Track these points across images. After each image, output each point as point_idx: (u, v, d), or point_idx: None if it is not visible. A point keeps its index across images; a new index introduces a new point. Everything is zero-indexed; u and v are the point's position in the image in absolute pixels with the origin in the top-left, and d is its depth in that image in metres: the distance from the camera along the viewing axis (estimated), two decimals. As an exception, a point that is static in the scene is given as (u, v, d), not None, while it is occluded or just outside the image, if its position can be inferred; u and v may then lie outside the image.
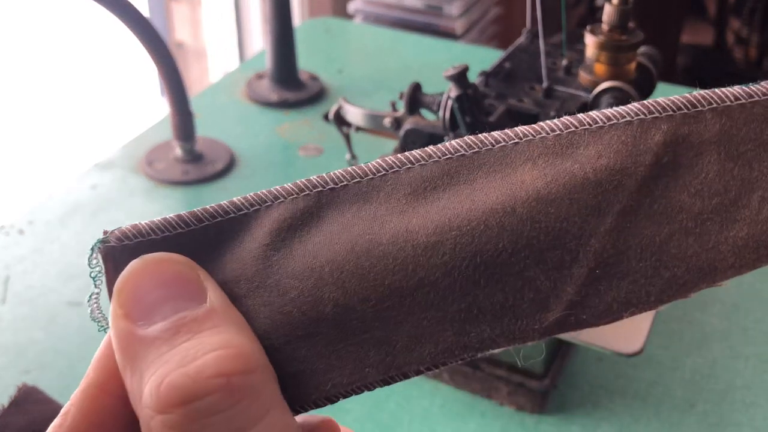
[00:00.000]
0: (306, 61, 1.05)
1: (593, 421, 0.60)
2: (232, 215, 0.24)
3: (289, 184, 0.24)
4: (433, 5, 1.59)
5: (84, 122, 1.80)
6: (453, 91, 0.55)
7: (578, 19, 1.85)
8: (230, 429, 0.19)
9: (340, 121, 0.67)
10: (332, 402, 0.23)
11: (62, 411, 0.23)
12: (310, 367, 0.23)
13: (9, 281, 0.73)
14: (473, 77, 0.58)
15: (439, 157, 0.23)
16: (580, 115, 0.23)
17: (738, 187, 0.22)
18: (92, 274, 0.23)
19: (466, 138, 0.23)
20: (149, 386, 0.20)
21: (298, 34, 1.02)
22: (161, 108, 1.73)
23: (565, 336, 0.56)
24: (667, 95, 0.23)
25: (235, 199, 0.24)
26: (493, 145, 0.23)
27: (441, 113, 0.58)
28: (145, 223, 0.23)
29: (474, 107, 0.55)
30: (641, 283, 0.22)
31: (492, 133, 0.23)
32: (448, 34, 1.57)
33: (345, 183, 0.23)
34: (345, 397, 0.23)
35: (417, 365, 0.23)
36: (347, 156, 0.70)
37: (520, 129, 0.23)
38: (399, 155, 0.24)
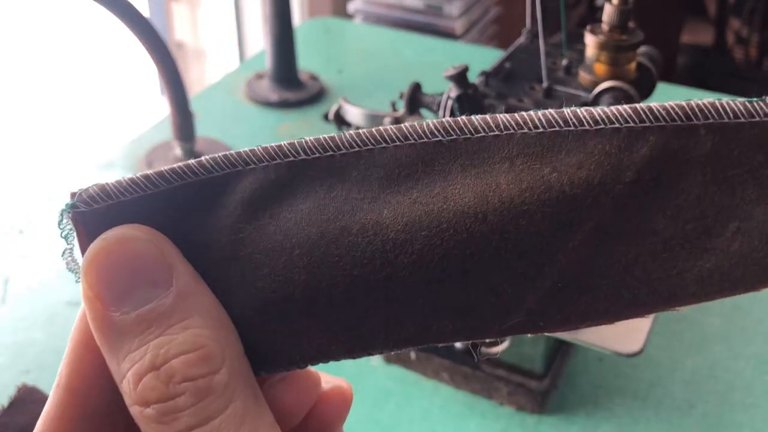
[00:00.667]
0: (306, 61, 1.05)
1: (593, 421, 0.60)
2: (202, 177, 0.23)
3: (259, 147, 0.23)
4: (433, 5, 1.59)
5: (84, 122, 1.80)
6: (453, 91, 0.55)
7: (578, 19, 1.85)
8: (200, 418, 0.21)
9: (340, 121, 0.67)
10: (299, 368, 0.24)
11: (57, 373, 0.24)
12: (280, 339, 0.23)
13: (9, 281, 0.73)
14: (473, 77, 0.58)
15: (416, 140, 0.23)
16: (567, 112, 0.22)
17: (716, 213, 0.21)
18: (63, 234, 0.23)
19: (444, 120, 0.23)
20: (126, 380, 0.22)
21: (298, 34, 1.02)
22: (161, 108, 1.73)
23: (565, 336, 0.56)
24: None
25: (203, 158, 0.23)
26: (472, 134, 0.22)
27: (441, 113, 0.58)
28: (113, 184, 0.23)
29: (474, 107, 0.55)
30: (601, 300, 0.22)
31: (472, 118, 0.22)
32: (448, 34, 1.57)
33: (317, 155, 0.23)
34: (312, 365, 0.24)
35: (381, 347, 0.23)
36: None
37: (503, 118, 0.22)
38: (374, 130, 0.23)
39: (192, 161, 0.23)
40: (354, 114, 0.65)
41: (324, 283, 0.22)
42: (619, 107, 0.21)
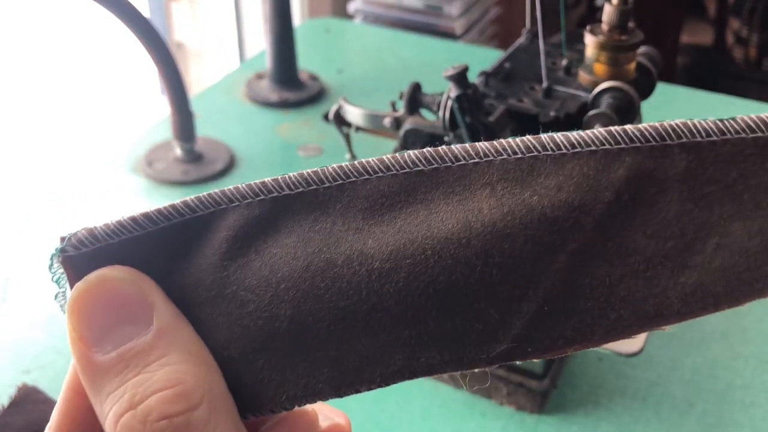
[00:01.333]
0: (306, 61, 1.05)
1: (593, 421, 0.60)
2: (187, 216, 0.23)
3: (243, 185, 0.24)
4: (433, 5, 1.59)
5: (84, 122, 1.80)
6: (453, 91, 0.55)
7: (578, 19, 1.85)
8: None
9: (340, 121, 0.67)
10: (287, 410, 0.23)
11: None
12: (266, 378, 0.23)
13: (9, 281, 0.73)
14: (473, 77, 0.58)
15: (398, 170, 0.23)
16: (544, 138, 0.22)
17: (695, 230, 0.21)
18: (54, 279, 0.24)
19: (425, 151, 0.23)
20: (108, 421, 0.22)
21: (298, 34, 1.02)
22: (161, 108, 1.73)
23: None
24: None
25: (188, 199, 0.24)
26: (453, 162, 0.23)
27: (441, 113, 0.58)
28: (101, 227, 0.23)
29: (474, 107, 0.55)
30: (587, 322, 0.22)
31: (452, 147, 0.23)
32: (448, 34, 1.57)
33: (301, 189, 0.23)
34: (300, 406, 0.23)
35: (369, 384, 0.23)
36: (347, 156, 0.70)
37: (482, 146, 0.22)
38: (356, 162, 0.23)
39: (177, 202, 0.23)
40: (354, 114, 0.65)
41: (310, 318, 0.22)
42: (594, 131, 0.22)
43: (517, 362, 0.23)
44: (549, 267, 0.22)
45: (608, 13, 0.58)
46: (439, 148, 0.23)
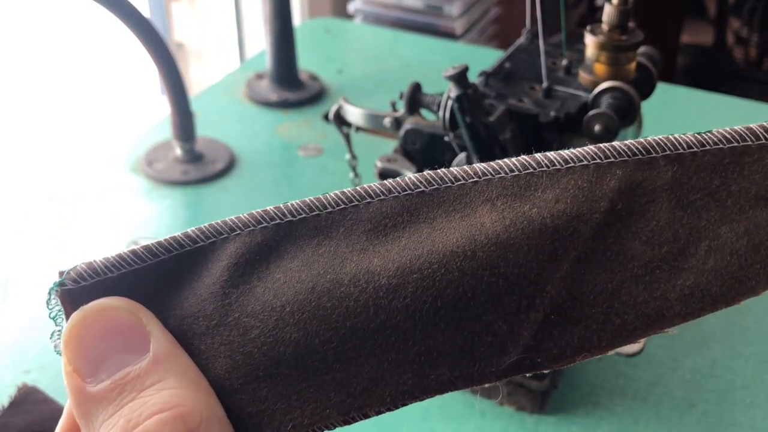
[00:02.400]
0: (306, 61, 1.05)
1: (593, 421, 0.60)
2: (188, 248, 0.23)
3: (245, 214, 0.23)
4: (433, 5, 1.59)
5: (84, 122, 1.80)
6: (453, 91, 0.55)
7: (578, 19, 1.85)
8: None
9: (340, 121, 0.67)
10: None
11: None
12: (270, 407, 0.23)
13: (9, 281, 0.73)
14: (473, 77, 0.58)
15: (399, 192, 0.23)
16: (538, 156, 0.23)
17: (687, 235, 0.22)
18: (51, 315, 0.23)
19: (425, 173, 0.23)
20: None
21: (298, 34, 1.02)
22: (161, 108, 1.73)
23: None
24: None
25: (189, 231, 0.23)
26: (453, 183, 0.23)
27: (441, 113, 0.58)
28: (100, 261, 0.23)
29: (474, 107, 0.55)
30: (593, 329, 0.23)
31: (451, 169, 0.23)
32: (448, 34, 1.57)
33: (303, 215, 0.23)
34: None
35: (378, 406, 0.23)
36: (347, 156, 0.70)
37: (479, 167, 0.23)
38: (358, 188, 0.24)
39: (179, 234, 0.23)
40: (354, 114, 0.65)
41: (317, 339, 0.22)
42: (585, 147, 0.23)
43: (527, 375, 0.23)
44: (553, 275, 0.22)
45: (608, 13, 0.58)
46: (439, 170, 0.24)
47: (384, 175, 0.62)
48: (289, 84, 1.00)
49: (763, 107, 0.97)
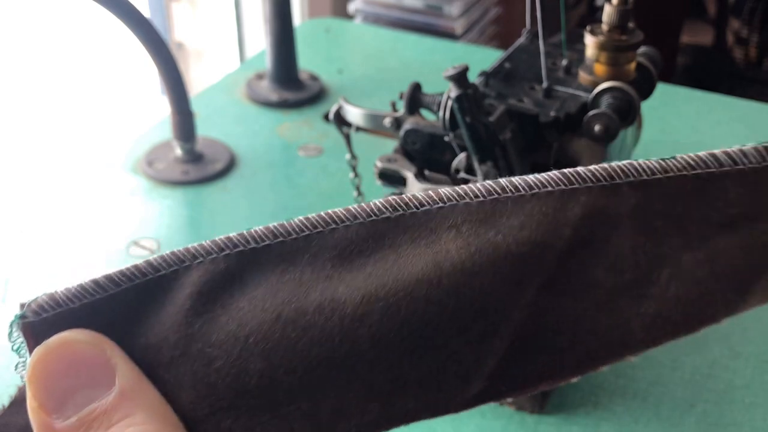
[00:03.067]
0: (306, 61, 1.05)
1: (593, 421, 0.60)
2: (150, 276, 0.23)
3: (208, 241, 0.23)
4: (433, 5, 1.59)
5: (84, 122, 1.80)
6: (453, 91, 0.55)
7: (578, 19, 1.85)
8: None
9: (340, 121, 0.67)
10: None
11: None
12: None
13: (9, 281, 0.73)
14: (473, 77, 0.58)
15: (364, 218, 0.23)
16: (503, 181, 0.23)
17: (649, 262, 0.22)
18: (14, 347, 0.23)
19: (390, 198, 0.23)
20: None
21: (298, 34, 1.02)
22: (161, 108, 1.73)
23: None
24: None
25: (151, 258, 0.23)
26: (418, 208, 0.23)
27: (441, 113, 0.58)
28: (61, 292, 0.23)
29: (474, 107, 0.55)
30: (556, 356, 0.23)
31: (415, 194, 0.23)
32: (448, 34, 1.57)
33: (267, 242, 0.23)
34: None
35: None
36: (347, 156, 0.70)
37: (444, 191, 0.23)
38: (323, 213, 0.23)
39: (141, 262, 0.23)
40: (354, 114, 0.65)
41: (281, 370, 0.22)
42: (551, 173, 0.23)
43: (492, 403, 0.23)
44: (517, 302, 0.22)
45: (608, 13, 0.58)
46: (404, 195, 0.23)
47: (384, 175, 0.62)
48: (289, 84, 1.00)
49: (763, 107, 0.97)
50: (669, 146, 0.89)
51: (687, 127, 0.94)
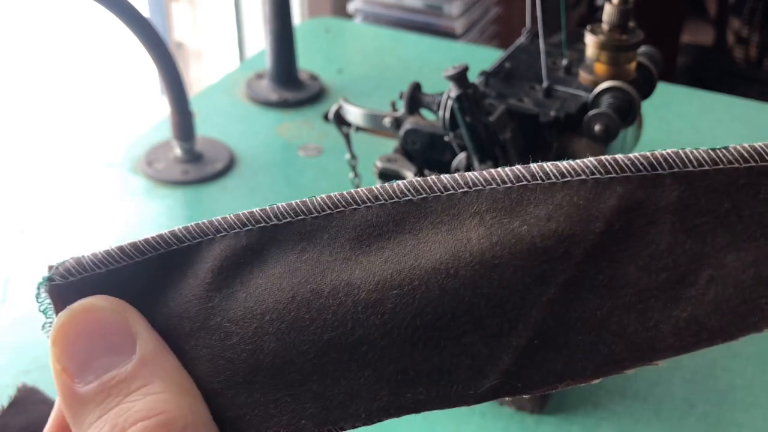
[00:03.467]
0: (306, 61, 1.05)
1: (594, 421, 0.60)
2: (174, 247, 0.23)
3: (231, 215, 0.23)
4: (433, 5, 1.59)
5: (84, 122, 1.80)
6: (453, 91, 0.55)
7: (578, 19, 1.85)
8: None
9: (340, 121, 0.67)
10: None
11: None
12: (248, 413, 0.23)
13: (9, 281, 0.73)
14: (473, 77, 0.58)
15: (386, 200, 0.23)
16: (534, 167, 0.22)
17: (688, 262, 0.21)
18: (41, 308, 0.23)
19: (414, 180, 0.23)
20: None
21: (298, 34, 1.02)
22: (161, 108, 1.73)
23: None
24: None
25: (176, 229, 0.23)
26: (442, 192, 0.22)
27: (441, 113, 0.58)
28: (88, 257, 0.23)
29: (474, 107, 0.55)
30: (578, 357, 0.21)
31: (441, 176, 0.22)
32: (448, 34, 1.57)
33: (289, 219, 0.23)
34: None
35: (353, 421, 0.22)
36: (347, 156, 0.70)
37: (471, 176, 0.22)
38: (345, 193, 0.23)
39: (165, 232, 0.23)
40: (354, 114, 0.65)
41: (294, 350, 0.22)
42: (585, 160, 0.21)
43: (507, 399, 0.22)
44: (539, 299, 0.21)
45: (609, 12, 0.58)
46: (429, 177, 0.23)
47: (384, 175, 0.62)
48: (289, 84, 1.00)
49: (763, 107, 0.97)
50: (669, 146, 0.88)
51: (687, 126, 0.94)
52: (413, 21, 1.61)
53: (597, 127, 0.57)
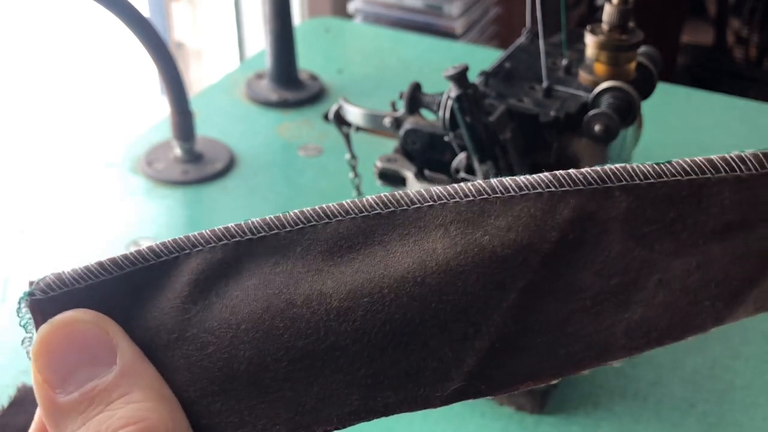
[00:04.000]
0: (306, 61, 1.05)
1: (593, 421, 0.60)
2: (152, 262, 0.24)
3: (207, 230, 0.24)
4: (433, 5, 1.59)
5: (84, 122, 1.80)
6: (453, 91, 0.55)
7: (578, 19, 1.85)
8: None
9: (340, 121, 0.67)
10: None
11: None
12: (224, 420, 0.23)
13: (9, 281, 0.73)
14: (473, 77, 0.58)
15: (356, 214, 0.24)
16: (494, 182, 0.23)
17: (638, 268, 0.22)
18: (22, 323, 0.24)
19: (382, 195, 0.24)
20: None
21: (298, 33, 1.02)
22: (161, 108, 1.73)
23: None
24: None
25: (153, 245, 0.24)
26: (409, 206, 0.23)
27: (441, 113, 0.58)
28: (68, 273, 0.24)
29: (474, 107, 0.55)
30: (538, 358, 0.23)
31: (407, 192, 0.24)
32: (448, 34, 1.57)
33: (263, 234, 0.24)
34: None
35: (325, 425, 0.23)
36: (347, 156, 0.70)
37: (435, 190, 0.23)
38: (317, 207, 0.24)
39: (144, 247, 0.24)
40: (354, 114, 0.65)
41: (269, 358, 0.23)
42: (540, 175, 0.23)
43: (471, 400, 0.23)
44: (500, 304, 0.22)
45: (608, 12, 0.58)
46: (396, 192, 0.24)
47: (384, 175, 0.62)
48: (289, 84, 1.00)
49: (763, 107, 0.97)
50: (669, 146, 0.89)
51: (687, 126, 0.94)
52: (413, 21, 1.61)
53: (597, 127, 0.57)
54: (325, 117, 0.71)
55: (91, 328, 0.23)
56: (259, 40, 1.72)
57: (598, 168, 0.22)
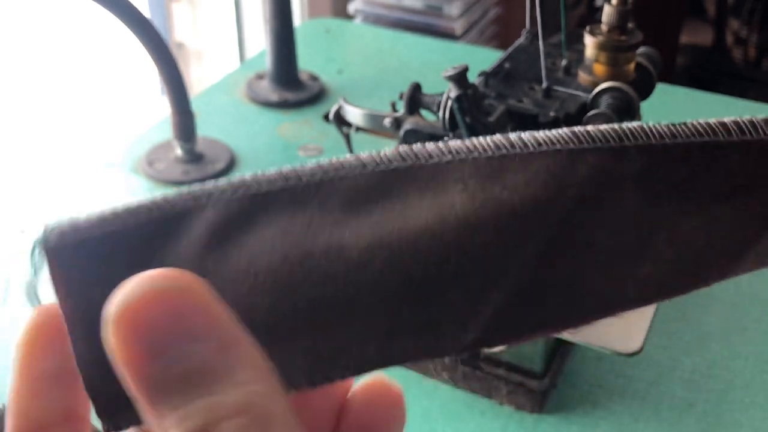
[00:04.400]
0: (306, 62, 1.05)
1: (593, 420, 0.60)
2: (167, 210, 0.24)
3: (224, 181, 0.24)
4: (433, 5, 1.59)
5: (84, 122, 1.80)
6: (453, 91, 0.56)
7: (578, 19, 1.85)
8: None
9: (340, 121, 0.67)
10: None
11: None
12: None
13: (9, 281, 0.73)
14: (473, 77, 0.58)
15: (373, 167, 0.24)
16: (513, 137, 0.23)
17: (649, 226, 0.23)
18: (32, 268, 0.23)
19: (400, 148, 0.24)
20: None
21: (298, 34, 1.02)
22: (161, 108, 1.73)
23: (564, 335, 0.56)
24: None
25: (168, 193, 0.24)
26: (427, 160, 0.23)
27: (441, 113, 0.58)
28: (83, 219, 0.23)
29: (474, 107, 0.56)
30: (551, 311, 0.23)
31: (427, 145, 0.24)
32: (448, 34, 1.57)
33: (280, 185, 0.24)
34: None
35: (342, 372, 0.23)
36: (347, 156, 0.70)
37: (454, 145, 0.23)
38: (334, 160, 0.24)
39: (159, 195, 0.24)
40: (354, 114, 0.65)
41: (286, 306, 0.23)
42: (560, 130, 0.23)
43: (486, 350, 0.24)
44: (517, 259, 0.23)
45: (608, 13, 0.58)
46: (414, 145, 0.24)
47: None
48: (289, 84, 1.00)
49: (762, 107, 0.97)
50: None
51: (686, 127, 0.94)
52: (413, 22, 1.61)
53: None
54: (326, 117, 0.72)
55: (186, 295, 0.20)
56: (260, 41, 1.73)
57: (616, 126, 0.23)
